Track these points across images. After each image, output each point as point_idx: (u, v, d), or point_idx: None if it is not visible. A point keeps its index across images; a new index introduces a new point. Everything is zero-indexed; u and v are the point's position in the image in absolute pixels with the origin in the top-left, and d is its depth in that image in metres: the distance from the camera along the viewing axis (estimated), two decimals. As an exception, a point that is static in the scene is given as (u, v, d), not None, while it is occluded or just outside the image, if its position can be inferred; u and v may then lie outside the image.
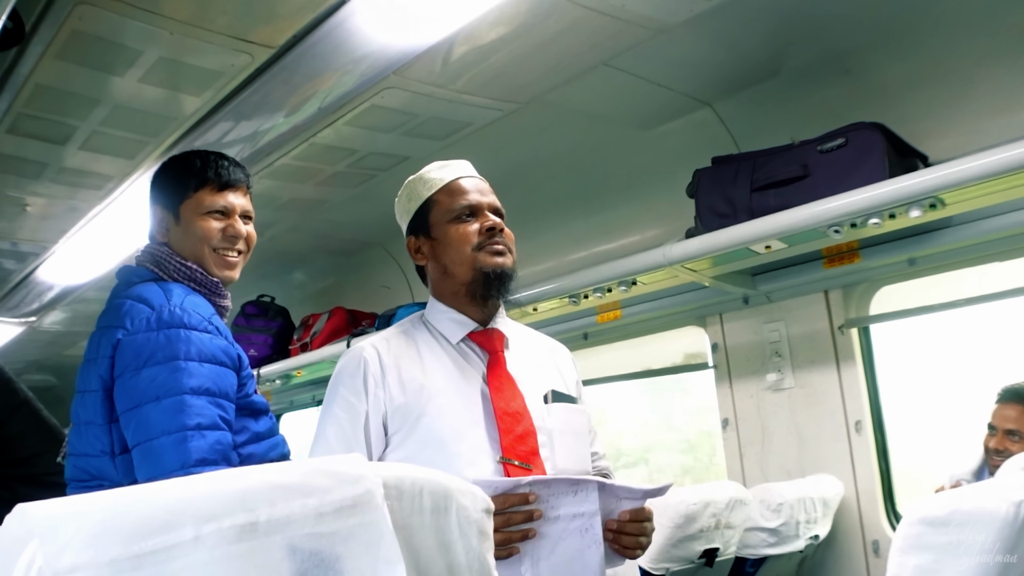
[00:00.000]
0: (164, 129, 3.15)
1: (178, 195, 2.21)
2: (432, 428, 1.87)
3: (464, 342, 2.03)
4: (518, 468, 1.84)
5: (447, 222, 2.02)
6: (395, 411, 1.90)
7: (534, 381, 2.02)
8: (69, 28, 2.46)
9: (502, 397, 1.93)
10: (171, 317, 1.99)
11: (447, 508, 0.93)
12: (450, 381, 1.95)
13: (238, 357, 2.09)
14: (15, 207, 3.87)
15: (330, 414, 1.94)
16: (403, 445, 1.89)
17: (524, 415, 1.92)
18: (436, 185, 2.08)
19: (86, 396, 2.06)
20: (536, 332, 2.25)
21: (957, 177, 2.45)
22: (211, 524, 0.75)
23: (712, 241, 3.02)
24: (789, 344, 3.56)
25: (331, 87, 2.86)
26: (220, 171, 2.22)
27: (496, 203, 2.07)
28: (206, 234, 2.19)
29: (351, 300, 5.32)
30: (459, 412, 1.90)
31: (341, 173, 3.82)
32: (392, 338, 2.04)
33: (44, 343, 6.62)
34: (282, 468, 0.84)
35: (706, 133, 3.51)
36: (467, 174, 2.10)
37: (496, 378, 1.97)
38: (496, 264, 1.98)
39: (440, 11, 2.52)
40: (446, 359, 2.00)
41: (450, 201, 2.04)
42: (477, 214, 2.02)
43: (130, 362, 1.95)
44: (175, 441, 1.87)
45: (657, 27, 2.73)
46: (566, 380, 2.12)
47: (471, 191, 2.05)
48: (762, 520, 3.01)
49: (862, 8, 2.87)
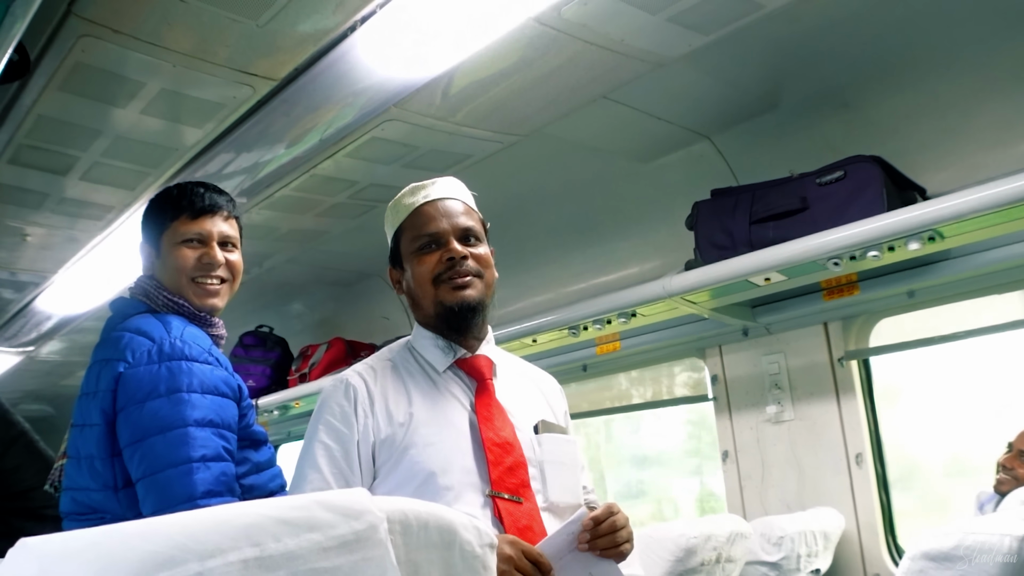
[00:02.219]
0: (165, 160, 3.16)
1: (158, 228, 2.19)
2: (418, 461, 1.80)
3: (451, 369, 1.96)
4: (507, 502, 1.77)
5: (411, 253, 1.96)
6: (382, 443, 1.84)
7: (523, 410, 1.96)
8: (73, 60, 2.47)
9: (491, 427, 1.86)
10: (172, 349, 1.98)
11: (451, 543, 0.92)
12: (437, 411, 1.88)
13: (239, 388, 2.08)
14: (15, 237, 3.88)
15: (319, 444, 1.86)
16: (389, 478, 1.82)
17: (514, 445, 1.85)
18: (405, 212, 1.99)
19: (86, 430, 2.04)
20: (523, 361, 2.20)
21: (955, 210, 2.46)
22: (216, 559, 0.74)
23: (711, 273, 3.02)
24: (789, 376, 3.55)
25: (332, 119, 2.88)
26: (194, 199, 2.17)
27: (465, 224, 1.95)
28: (181, 263, 2.15)
29: (350, 331, 5.31)
30: (446, 443, 1.83)
31: (341, 204, 3.83)
32: (378, 366, 1.98)
33: (41, 373, 6.60)
34: (286, 502, 0.84)
35: (705, 166, 3.53)
36: (439, 196, 1.98)
37: (485, 407, 1.90)
38: (456, 299, 1.90)
39: (440, 45, 2.54)
40: (432, 388, 1.93)
41: (414, 230, 1.96)
42: (441, 242, 1.93)
43: (133, 395, 1.94)
44: (181, 474, 1.86)
45: (656, 61, 2.75)
46: (554, 410, 2.06)
47: (436, 217, 1.94)
48: (763, 554, 2.99)
49: (859, 43, 2.90)
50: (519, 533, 1.71)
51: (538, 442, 1.91)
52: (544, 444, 1.91)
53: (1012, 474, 3.22)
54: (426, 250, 1.93)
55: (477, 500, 1.77)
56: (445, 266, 1.90)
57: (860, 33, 2.85)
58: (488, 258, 1.97)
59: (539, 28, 2.50)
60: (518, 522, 1.75)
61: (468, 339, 1.97)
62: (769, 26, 2.70)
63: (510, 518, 1.75)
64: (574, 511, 1.84)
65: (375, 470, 1.84)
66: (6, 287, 4.61)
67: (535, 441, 1.91)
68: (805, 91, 3.16)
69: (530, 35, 2.53)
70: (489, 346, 2.02)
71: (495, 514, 1.76)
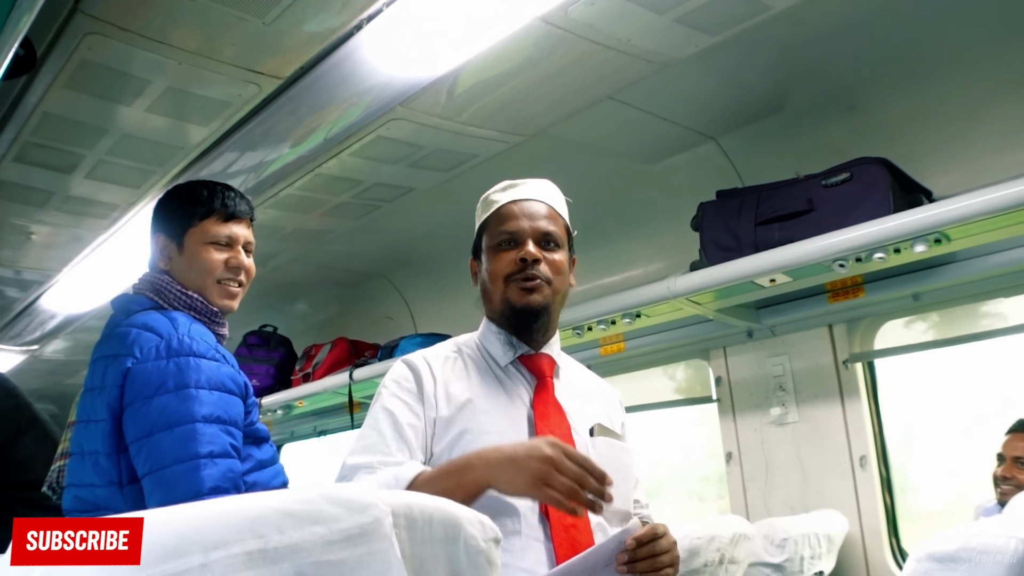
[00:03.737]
0: (170, 159, 3.16)
1: (183, 224, 2.20)
2: (473, 445, 1.76)
3: (513, 364, 1.96)
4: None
5: (489, 249, 1.96)
6: (438, 422, 1.83)
7: (580, 413, 1.94)
8: (78, 58, 2.48)
9: (547, 424, 1.85)
10: (180, 345, 1.99)
11: (455, 537, 0.92)
12: (495, 401, 1.89)
13: (244, 385, 2.09)
14: (20, 235, 3.88)
15: (384, 411, 1.84)
16: (442, 459, 1.79)
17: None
18: (491, 208, 1.99)
19: (91, 426, 2.04)
20: (586, 368, 2.19)
21: (962, 213, 2.46)
22: (219, 551, 0.74)
23: (716, 274, 3.02)
24: (793, 378, 3.54)
25: (337, 118, 2.88)
26: (227, 201, 2.22)
27: (545, 228, 1.94)
28: (210, 265, 2.18)
29: (354, 331, 5.31)
30: (502, 432, 1.81)
31: (346, 204, 3.83)
32: (442, 352, 1.98)
33: (46, 372, 6.61)
34: (291, 495, 0.83)
35: (711, 167, 3.53)
36: (526, 197, 1.98)
37: (542, 404, 1.90)
38: (522, 301, 1.89)
39: (446, 44, 2.54)
40: (493, 379, 1.93)
41: (495, 227, 1.96)
42: (518, 242, 1.92)
43: (140, 391, 1.94)
44: (188, 469, 1.86)
45: (662, 62, 2.75)
46: (612, 420, 2.03)
47: (518, 217, 1.94)
48: (766, 555, 2.99)
49: (866, 45, 2.89)
50: (564, 531, 1.72)
51: (592, 444, 1.89)
52: (598, 447, 1.89)
53: (1012, 483, 3.20)
54: (502, 248, 1.93)
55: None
56: (517, 267, 1.90)
57: (867, 35, 2.84)
58: (562, 265, 1.95)
59: (545, 28, 2.50)
60: (564, 520, 1.73)
61: (531, 339, 1.97)
62: (776, 28, 2.70)
63: (556, 514, 1.73)
64: (623, 519, 1.83)
65: (430, 449, 1.83)
66: (11, 286, 4.62)
67: (590, 443, 1.89)
68: (811, 93, 3.16)
69: (536, 35, 2.53)
70: (554, 348, 2.02)
71: (542, 510, 1.74)
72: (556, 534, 1.72)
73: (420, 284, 5.12)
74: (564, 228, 2.01)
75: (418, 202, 3.83)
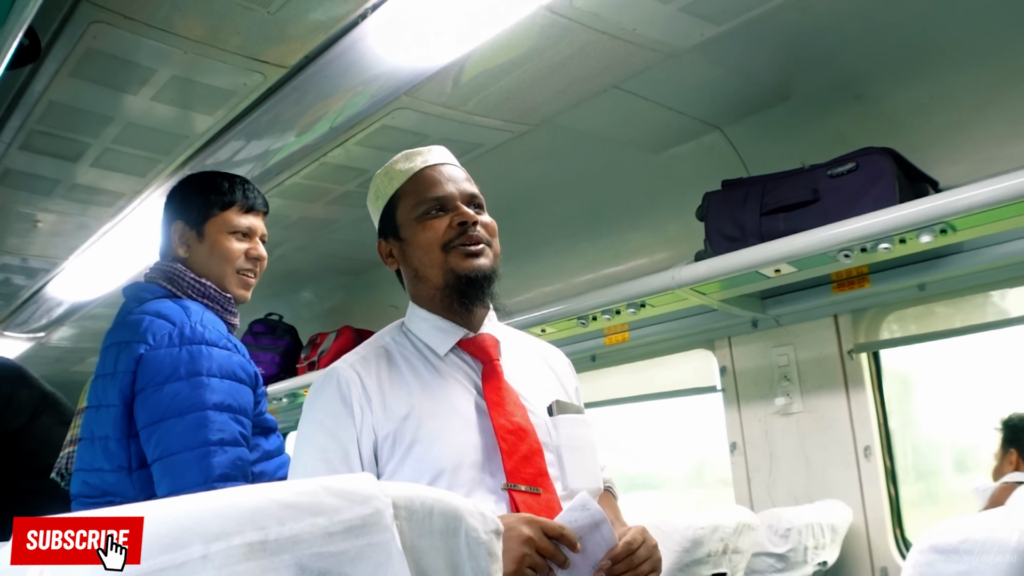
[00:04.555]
0: (176, 147, 3.16)
1: (203, 212, 2.24)
2: (426, 458, 1.65)
3: (453, 352, 1.81)
4: (525, 494, 1.64)
5: (414, 219, 1.80)
6: (384, 439, 1.68)
7: (535, 391, 1.82)
8: (84, 46, 2.48)
9: (502, 412, 1.71)
10: (193, 333, 2.01)
11: (456, 529, 0.92)
12: (441, 399, 1.73)
13: (255, 375, 2.11)
14: (26, 223, 3.89)
15: (314, 446, 1.69)
16: (395, 476, 1.67)
17: (528, 431, 1.71)
18: (402, 178, 1.85)
19: (102, 411, 2.06)
20: (528, 335, 2.06)
21: (968, 203, 2.45)
22: (220, 542, 0.75)
23: (721, 264, 3.01)
24: (798, 368, 3.54)
25: (342, 107, 2.88)
26: (247, 193, 2.28)
27: (471, 190, 1.83)
28: (231, 254, 2.23)
29: (359, 319, 5.32)
30: (455, 436, 1.68)
31: (351, 193, 3.83)
32: (371, 356, 1.81)
33: (52, 359, 6.62)
34: (291, 486, 0.84)
35: (716, 157, 3.52)
36: (438, 161, 1.86)
37: (494, 391, 1.75)
38: (470, 267, 1.75)
39: (451, 33, 2.53)
40: (433, 374, 1.78)
41: (416, 195, 1.81)
42: (448, 207, 1.78)
43: (152, 377, 1.96)
44: (198, 456, 1.88)
45: (668, 51, 2.74)
46: (565, 387, 1.92)
47: (441, 181, 1.81)
48: (770, 545, 2.99)
49: (872, 34, 2.88)
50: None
51: (553, 425, 1.77)
52: (560, 427, 1.77)
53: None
54: (431, 216, 1.78)
55: (491, 495, 1.65)
56: (456, 231, 1.76)
57: (873, 24, 2.83)
58: (495, 227, 1.84)
59: (551, 17, 2.49)
60: (531, 507, 1.63)
61: (473, 316, 1.82)
62: (781, 17, 2.68)
63: (528, 511, 1.60)
64: (595, 495, 1.73)
65: (378, 471, 1.69)
66: (17, 273, 4.63)
67: (550, 424, 1.77)
68: (817, 82, 3.15)
69: (542, 24, 2.53)
70: (492, 323, 1.88)
71: (511, 508, 1.63)
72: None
73: (424, 273, 5.11)
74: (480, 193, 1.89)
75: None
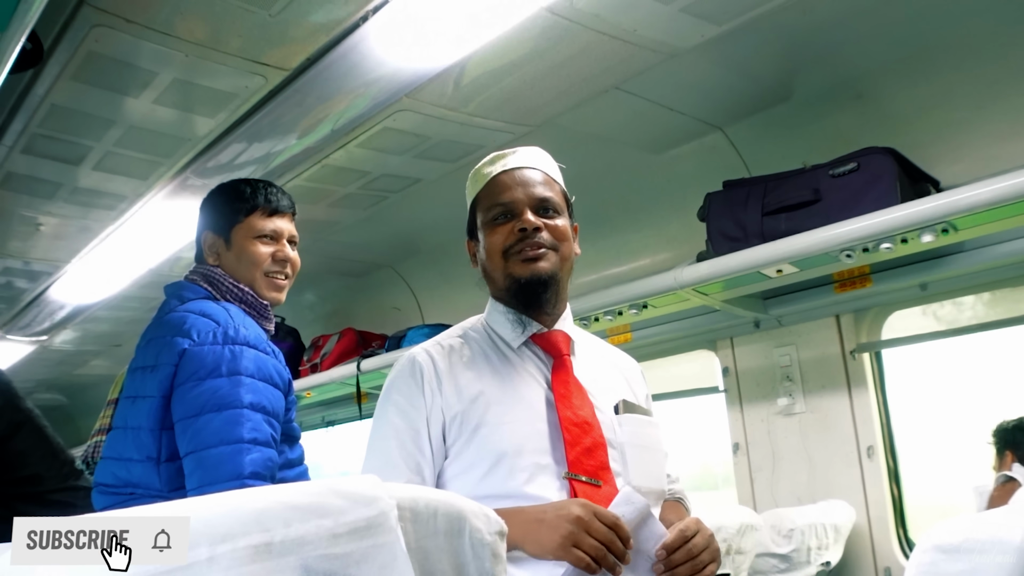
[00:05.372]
0: (177, 150, 3.17)
1: (229, 220, 2.26)
2: (490, 440, 1.69)
3: (526, 345, 1.85)
4: (585, 484, 1.65)
5: (485, 224, 1.84)
6: (452, 420, 1.73)
7: (603, 390, 1.83)
8: (86, 50, 2.48)
9: (568, 405, 1.74)
10: (236, 334, 2.05)
11: (461, 530, 0.92)
12: (510, 388, 1.77)
13: (288, 381, 2.14)
14: (29, 227, 3.90)
15: (388, 425, 1.76)
16: (461, 457, 1.72)
17: (593, 425, 1.73)
18: (482, 182, 1.88)
19: (138, 401, 2.09)
20: (602, 341, 2.09)
21: (969, 202, 2.45)
22: (226, 544, 0.75)
23: (723, 265, 3.01)
24: (800, 368, 3.54)
25: (343, 109, 2.88)
26: (270, 197, 2.28)
27: (542, 195, 1.83)
28: (257, 258, 2.24)
29: (361, 321, 5.32)
30: (520, 422, 1.71)
31: (352, 195, 3.83)
32: (448, 342, 1.87)
33: (54, 362, 6.64)
34: (297, 488, 0.84)
35: (717, 157, 3.52)
36: (518, 165, 1.87)
37: (562, 384, 1.78)
38: (527, 272, 1.78)
39: (452, 35, 2.54)
40: (506, 364, 1.82)
41: (488, 200, 1.84)
42: (514, 213, 1.81)
43: (195, 372, 1.99)
44: (232, 452, 1.91)
45: (668, 51, 2.74)
46: (635, 392, 1.93)
47: (511, 187, 1.83)
48: (773, 546, 3.00)
49: (873, 34, 2.88)
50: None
51: (619, 423, 1.78)
52: (625, 425, 1.78)
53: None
54: (499, 221, 1.82)
55: (552, 483, 1.66)
56: (516, 238, 1.79)
57: (874, 24, 2.83)
58: (566, 231, 1.85)
59: (551, 18, 2.50)
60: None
61: (542, 314, 1.85)
62: (782, 16, 2.69)
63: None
64: (658, 498, 1.75)
65: (446, 449, 1.74)
66: (20, 276, 4.63)
67: (615, 422, 1.78)
68: (818, 82, 3.15)
69: (542, 25, 2.53)
70: (567, 322, 1.91)
71: (571, 497, 1.63)
72: None
73: (427, 275, 5.12)
74: (562, 194, 1.91)
75: (425, 193, 3.83)
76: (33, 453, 2.94)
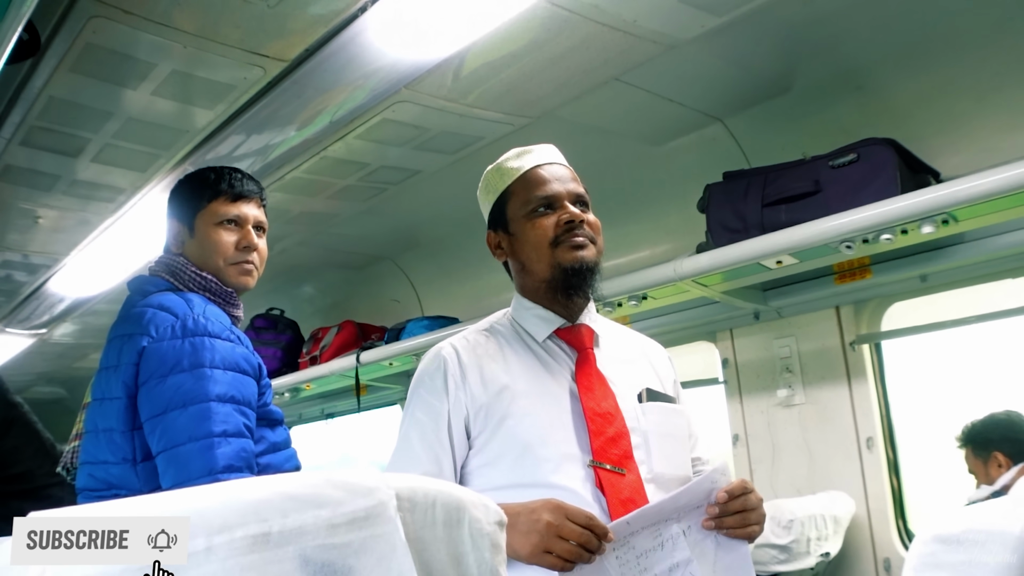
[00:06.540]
0: (176, 142, 3.16)
1: (193, 207, 2.23)
2: (515, 431, 1.75)
3: (551, 339, 1.90)
4: (610, 473, 1.70)
5: (523, 216, 1.89)
6: (477, 412, 1.78)
7: (627, 380, 1.88)
8: (83, 41, 2.47)
9: (592, 396, 1.79)
10: (195, 325, 2.01)
11: (460, 520, 0.92)
12: (535, 380, 1.83)
13: (258, 366, 2.11)
14: (27, 219, 3.89)
15: (412, 418, 1.83)
16: (485, 449, 1.77)
17: (616, 415, 1.78)
18: (512, 176, 1.95)
19: (106, 403, 2.06)
20: (629, 329, 2.14)
21: (970, 193, 2.45)
22: (223, 535, 0.74)
23: (723, 256, 3.01)
24: (800, 360, 3.54)
25: (342, 101, 2.87)
26: (233, 182, 2.24)
27: (578, 190, 1.92)
28: (219, 245, 2.20)
29: (361, 314, 5.32)
30: (545, 414, 1.77)
31: (352, 187, 3.83)
32: (474, 336, 1.92)
33: (54, 355, 6.64)
34: (295, 479, 0.84)
35: (717, 148, 3.51)
36: (546, 161, 1.96)
37: (585, 376, 1.84)
38: (576, 259, 1.84)
39: (451, 26, 2.53)
40: (531, 357, 1.88)
41: (526, 193, 1.90)
42: (555, 206, 1.88)
43: (156, 369, 1.97)
44: (202, 448, 1.89)
45: (668, 43, 2.74)
46: (662, 379, 1.97)
47: (549, 180, 1.90)
48: (772, 537, 3.00)
49: (874, 25, 2.87)
50: (621, 505, 1.66)
51: (643, 411, 1.84)
52: (649, 413, 1.84)
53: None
54: (539, 214, 1.88)
55: (578, 472, 1.71)
56: (563, 228, 1.85)
57: (874, 15, 2.82)
58: (599, 226, 1.93)
59: (551, 9, 2.49)
60: (620, 494, 1.69)
61: (573, 307, 1.91)
62: (782, 8, 2.68)
63: (612, 489, 1.69)
64: (682, 483, 1.75)
65: (470, 442, 1.80)
66: (18, 269, 4.63)
67: (639, 410, 1.84)
68: (818, 73, 3.14)
69: (542, 16, 2.52)
70: (591, 316, 1.97)
71: (596, 485, 1.70)
72: (613, 509, 1.67)
73: (427, 267, 5.12)
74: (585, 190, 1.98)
75: (424, 185, 3.82)
76: (25, 449, 2.94)
